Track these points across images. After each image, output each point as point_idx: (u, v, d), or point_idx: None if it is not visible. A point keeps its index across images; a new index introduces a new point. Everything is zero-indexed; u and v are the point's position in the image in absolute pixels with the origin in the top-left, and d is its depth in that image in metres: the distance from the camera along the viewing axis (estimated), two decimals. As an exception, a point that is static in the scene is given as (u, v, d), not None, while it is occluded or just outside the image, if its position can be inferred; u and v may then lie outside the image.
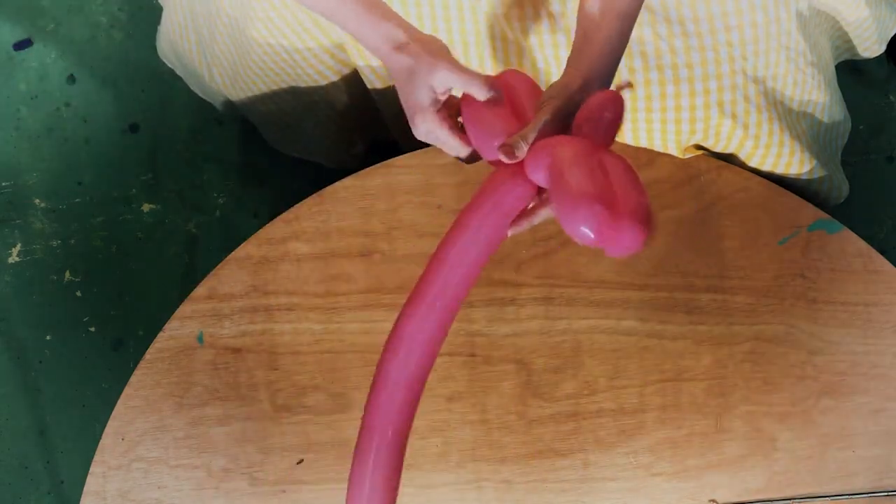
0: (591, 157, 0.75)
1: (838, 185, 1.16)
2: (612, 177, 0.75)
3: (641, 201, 0.74)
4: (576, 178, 0.73)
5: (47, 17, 1.57)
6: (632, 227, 0.72)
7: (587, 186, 0.73)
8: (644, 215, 0.73)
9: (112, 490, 1.01)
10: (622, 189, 0.74)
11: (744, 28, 0.98)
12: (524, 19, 0.99)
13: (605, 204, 0.72)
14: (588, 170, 0.74)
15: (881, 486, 0.98)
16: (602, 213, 0.72)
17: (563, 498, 1.00)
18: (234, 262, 1.05)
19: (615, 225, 0.72)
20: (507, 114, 0.82)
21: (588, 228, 0.72)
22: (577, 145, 0.76)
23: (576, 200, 0.72)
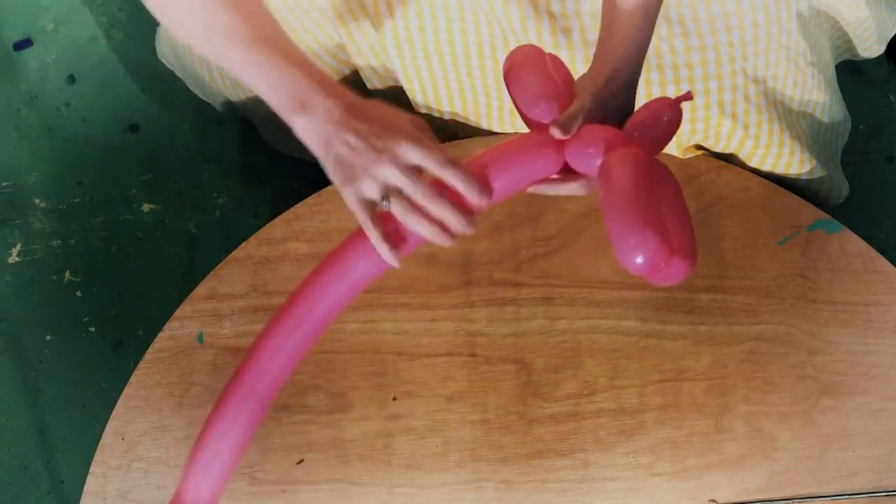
0: (648, 173, 0.74)
1: (838, 185, 1.16)
2: (662, 197, 0.74)
3: (691, 235, 0.74)
4: (635, 199, 0.72)
5: (47, 17, 1.57)
6: (682, 264, 0.72)
7: (645, 214, 0.71)
8: (693, 251, 0.73)
9: (112, 490, 1.01)
10: (673, 216, 0.73)
11: (744, 28, 0.98)
12: (524, 19, 0.99)
13: (662, 236, 0.70)
14: (646, 192, 0.72)
15: (881, 486, 0.98)
16: (659, 248, 0.70)
17: (563, 498, 1.00)
18: (234, 262, 1.05)
19: (668, 260, 0.71)
20: (548, 75, 0.81)
21: (641, 259, 0.70)
22: (634, 157, 0.74)
23: (633, 228, 0.70)
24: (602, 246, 1.03)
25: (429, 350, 1.02)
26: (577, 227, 1.04)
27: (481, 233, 1.04)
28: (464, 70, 1.06)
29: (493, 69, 1.05)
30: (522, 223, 1.04)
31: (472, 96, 1.09)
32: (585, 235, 1.03)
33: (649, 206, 0.72)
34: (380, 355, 1.02)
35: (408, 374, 1.02)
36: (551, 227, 1.04)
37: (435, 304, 1.03)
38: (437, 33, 1.02)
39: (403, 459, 1.01)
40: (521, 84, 0.81)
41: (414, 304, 1.03)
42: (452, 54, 1.04)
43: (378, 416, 1.01)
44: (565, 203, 1.04)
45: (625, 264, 0.71)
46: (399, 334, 1.03)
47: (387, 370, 1.02)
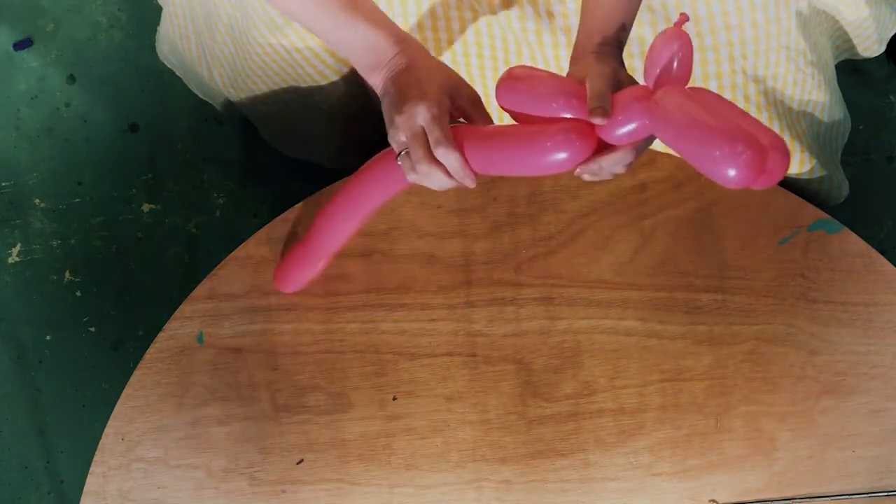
0: (701, 98, 0.73)
1: (838, 185, 1.16)
2: (727, 111, 0.73)
3: (766, 129, 0.72)
4: (702, 121, 0.71)
5: (47, 17, 1.57)
6: (778, 156, 0.70)
7: (724, 125, 0.70)
8: (781, 141, 0.72)
9: (112, 490, 1.01)
10: (745, 120, 0.72)
11: (744, 28, 0.98)
12: (524, 19, 0.99)
13: (749, 136, 0.70)
14: (707, 111, 0.72)
15: (881, 486, 0.98)
16: (754, 147, 0.69)
17: (563, 498, 1.00)
18: (234, 262, 1.05)
19: (764, 159, 0.70)
20: (552, 74, 0.81)
21: (739, 169, 0.69)
22: (676, 91, 0.74)
23: (723, 142, 0.69)
24: (602, 246, 1.03)
25: (429, 350, 1.02)
26: (577, 227, 1.04)
27: (481, 233, 1.04)
28: (464, 70, 1.06)
29: (493, 69, 1.05)
30: (522, 223, 1.04)
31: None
32: (585, 235, 1.03)
33: (724, 119, 0.71)
34: (380, 355, 1.03)
35: (408, 374, 1.02)
36: (551, 227, 1.04)
37: (435, 304, 1.03)
38: (436, 32, 1.02)
39: (403, 459, 1.01)
40: (531, 85, 0.81)
41: (414, 304, 1.03)
42: (451, 53, 1.04)
43: (378, 416, 1.01)
44: (565, 203, 1.04)
45: (727, 180, 0.70)
46: (399, 334, 1.03)
47: (387, 370, 1.02)
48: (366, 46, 0.85)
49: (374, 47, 0.85)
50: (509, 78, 0.82)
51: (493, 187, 1.05)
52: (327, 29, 0.86)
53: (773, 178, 0.71)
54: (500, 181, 1.05)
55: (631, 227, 1.03)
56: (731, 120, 0.72)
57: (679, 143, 0.73)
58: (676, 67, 0.75)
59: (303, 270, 1.02)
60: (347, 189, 0.94)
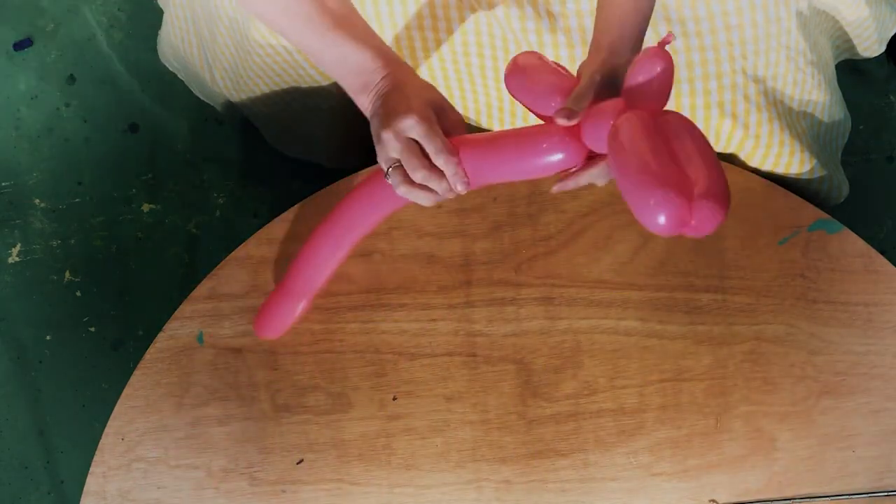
0: (654, 132, 0.72)
1: (838, 185, 1.16)
2: (678, 149, 0.72)
3: (716, 176, 0.71)
4: (642, 162, 0.70)
5: (47, 17, 1.57)
6: (712, 208, 0.69)
7: (655, 171, 0.69)
8: (721, 192, 0.70)
9: (112, 490, 1.01)
10: (693, 163, 0.71)
11: (744, 28, 0.98)
12: (524, 19, 0.99)
13: (677, 189, 0.69)
14: (653, 150, 0.71)
15: (881, 486, 0.98)
16: (675, 201, 0.68)
17: (563, 498, 1.00)
18: (234, 262, 1.05)
19: (690, 211, 0.69)
20: (555, 70, 0.81)
21: (664, 218, 0.69)
22: (637, 120, 0.73)
23: (647, 189, 0.69)
24: (602, 246, 1.03)
25: (429, 350, 1.02)
26: (577, 227, 1.04)
27: (481, 233, 1.04)
28: (464, 70, 1.06)
29: (494, 69, 1.05)
30: (522, 223, 1.04)
31: (473, 96, 1.09)
32: (585, 235, 1.03)
33: (659, 162, 0.70)
34: (380, 355, 1.03)
35: (408, 374, 1.02)
36: (551, 227, 1.04)
37: (435, 304, 1.03)
38: (436, 32, 1.02)
39: (403, 459, 1.01)
40: (531, 81, 0.81)
41: (414, 304, 1.03)
42: (452, 53, 1.04)
43: (378, 416, 1.01)
44: (565, 203, 1.04)
45: (651, 228, 0.70)
46: (399, 334, 1.03)
47: (387, 370, 1.02)
48: (353, 68, 0.84)
49: (362, 69, 0.84)
50: (515, 68, 0.82)
51: (493, 187, 1.05)
52: (315, 48, 0.85)
53: (703, 229, 0.70)
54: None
55: (631, 227, 1.03)
56: (667, 164, 0.70)
57: (618, 175, 0.73)
58: (655, 88, 0.75)
59: (283, 315, 1.01)
60: (330, 221, 0.94)
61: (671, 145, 0.73)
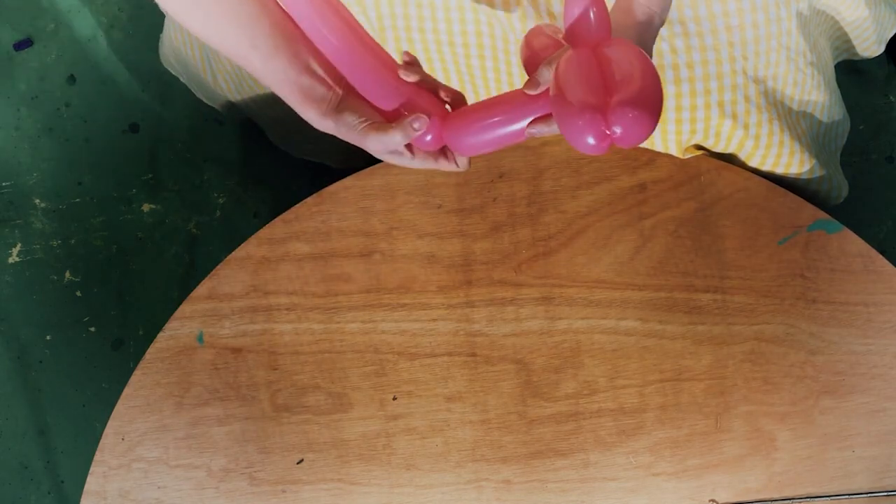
0: (585, 65, 0.75)
1: (838, 185, 1.16)
2: (617, 73, 0.73)
3: (641, 86, 0.72)
4: (566, 89, 0.73)
5: (47, 17, 1.57)
6: (635, 115, 0.70)
7: (576, 95, 0.72)
8: (641, 98, 0.71)
9: (112, 490, 1.01)
10: (626, 81, 0.72)
11: (744, 28, 0.98)
12: (525, 19, 0.99)
13: (595, 107, 0.71)
14: (578, 77, 0.74)
15: (881, 486, 0.98)
16: (593, 117, 0.71)
17: (563, 498, 1.00)
18: (234, 262, 1.05)
19: (610, 125, 0.71)
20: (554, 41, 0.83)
21: (588, 137, 0.71)
22: (567, 58, 0.76)
23: (569, 119, 0.72)
24: (602, 246, 1.03)
25: (429, 350, 1.02)
26: (577, 227, 1.04)
27: (481, 233, 1.04)
28: (464, 70, 1.06)
29: (494, 69, 1.05)
30: (522, 223, 1.04)
31: (474, 96, 1.09)
32: (585, 235, 1.04)
33: (580, 85, 0.73)
34: (380, 355, 1.03)
35: (408, 374, 1.02)
36: (551, 227, 1.04)
37: (435, 304, 1.03)
38: (437, 34, 1.02)
39: (403, 459, 1.01)
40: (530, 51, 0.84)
41: (414, 304, 1.03)
42: (453, 54, 1.04)
43: (378, 416, 1.02)
44: (565, 203, 1.04)
45: (583, 150, 0.73)
46: (399, 334, 1.03)
47: (387, 370, 1.02)
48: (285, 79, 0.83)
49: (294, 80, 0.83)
50: (524, 44, 0.85)
51: (492, 187, 1.05)
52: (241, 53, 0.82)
53: (634, 137, 0.72)
54: (500, 181, 1.05)
55: (631, 227, 1.03)
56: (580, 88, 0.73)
57: (554, 114, 0.76)
58: (591, 23, 0.76)
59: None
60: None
61: (610, 70, 0.74)
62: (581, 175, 1.04)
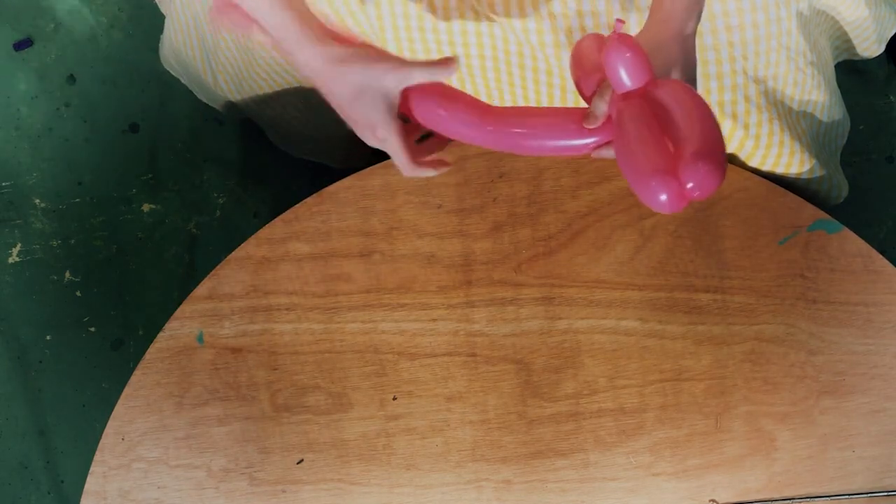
0: (644, 114, 0.76)
1: (838, 185, 1.16)
2: (673, 116, 0.75)
3: (705, 134, 0.73)
4: (631, 150, 0.75)
5: (47, 17, 1.57)
6: (706, 170, 0.71)
7: (644, 158, 0.74)
8: (713, 152, 0.72)
9: (112, 490, 1.01)
10: (686, 126, 0.73)
11: (744, 28, 0.98)
12: (525, 19, 0.99)
13: (666, 170, 0.72)
14: (639, 135, 0.75)
15: (881, 486, 0.98)
16: (668, 183, 0.72)
17: (563, 498, 1.00)
18: (234, 262, 1.05)
19: (684, 182, 0.72)
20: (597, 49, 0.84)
21: (665, 199, 0.72)
22: (629, 110, 0.77)
23: (641, 181, 0.73)
24: (602, 246, 1.03)
25: (429, 350, 1.02)
26: (577, 227, 1.04)
27: (481, 233, 1.04)
28: (465, 70, 1.06)
29: (495, 70, 1.05)
30: (522, 223, 1.04)
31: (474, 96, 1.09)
32: (585, 235, 1.04)
33: (649, 148, 0.74)
34: (380, 355, 1.03)
35: (408, 374, 1.02)
36: (551, 227, 1.04)
37: (435, 304, 1.03)
38: (437, 33, 1.02)
39: (403, 459, 1.01)
40: (581, 62, 0.85)
41: (414, 304, 1.03)
42: (453, 54, 1.04)
43: (378, 416, 1.02)
44: (565, 203, 1.04)
45: (657, 209, 0.74)
46: (399, 334, 1.03)
47: (387, 370, 1.02)
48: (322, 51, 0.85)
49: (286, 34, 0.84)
50: (574, 50, 0.86)
51: (493, 187, 1.05)
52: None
53: (705, 190, 0.73)
54: (500, 181, 1.05)
55: (631, 227, 1.03)
56: (652, 147, 0.74)
57: (620, 164, 0.78)
58: (634, 70, 0.77)
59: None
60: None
61: (667, 115, 0.75)
62: (581, 175, 1.04)
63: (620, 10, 0.97)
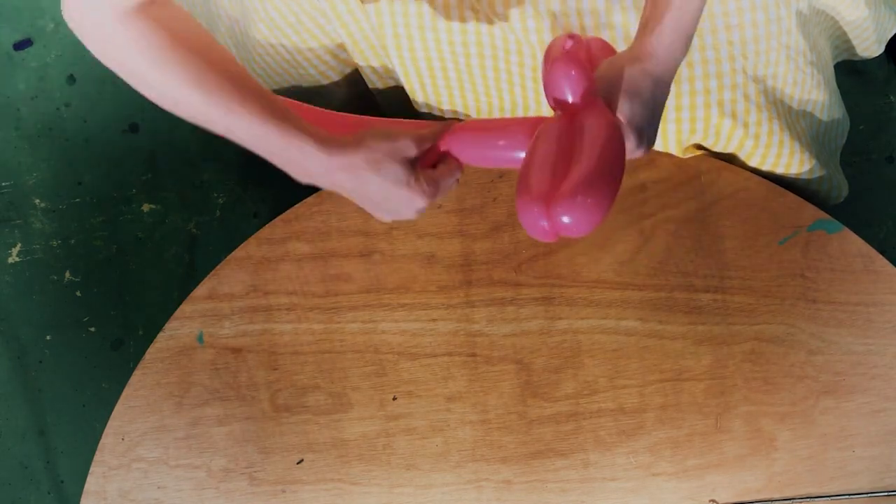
0: (555, 133, 0.75)
1: (838, 185, 1.16)
2: (581, 142, 0.73)
3: (596, 172, 0.70)
4: (528, 170, 0.74)
5: (47, 17, 1.57)
6: (573, 209, 0.69)
7: (532, 182, 0.73)
8: (590, 190, 0.69)
9: (112, 490, 1.01)
10: (580, 163, 0.71)
11: (744, 27, 0.98)
12: (525, 19, 0.99)
13: (541, 197, 0.71)
14: (542, 155, 0.74)
15: (881, 487, 0.98)
16: (533, 210, 0.71)
17: (563, 498, 1.00)
18: (234, 262, 1.05)
19: (555, 215, 0.70)
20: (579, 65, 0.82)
21: (530, 224, 0.71)
22: (546, 125, 0.76)
23: (519, 199, 0.73)
24: (602, 246, 1.03)
25: (429, 350, 1.02)
26: (577, 227, 1.04)
27: (481, 233, 1.04)
28: (464, 69, 1.06)
29: (493, 68, 1.05)
30: (522, 223, 1.04)
31: (473, 96, 1.09)
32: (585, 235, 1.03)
33: (539, 169, 0.73)
34: (380, 355, 1.03)
35: (408, 374, 1.02)
36: (551, 227, 1.04)
37: (435, 304, 1.03)
38: (436, 32, 1.02)
39: (403, 459, 1.01)
40: (550, 73, 0.82)
41: (414, 304, 1.03)
42: (453, 53, 1.04)
43: (378, 416, 1.01)
44: (565, 203, 1.04)
45: (528, 233, 0.73)
46: (399, 334, 1.03)
47: (387, 370, 1.02)
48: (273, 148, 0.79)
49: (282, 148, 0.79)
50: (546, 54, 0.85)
51: (492, 187, 1.05)
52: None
53: (581, 226, 0.71)
54: (500, 181, 1.05)
55: (631, 227, 1.03)
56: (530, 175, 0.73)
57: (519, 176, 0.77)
58: (572, 89, 0.76)
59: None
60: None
61: (579, 145, 0.73)
62: (581, 175, 1.04)
63: (620, 11, 0.97)
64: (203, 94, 0.73)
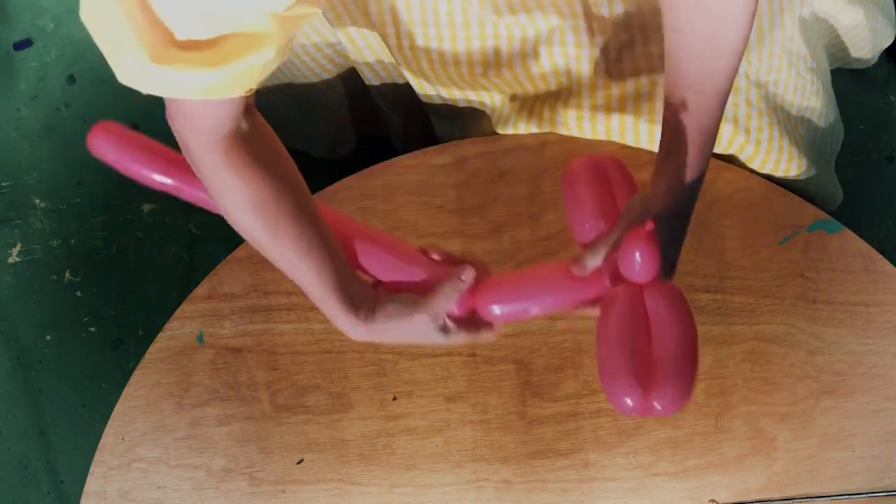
0: (629, 310, 0.77)
1: (833, 192, 1.16)
2: (653, 324, 0.77)
3: (682, 363, 0.76)
4: (612, 349, 0.77)
5: (47, 17, 1.57)
6: (670, 396, 0.74)
7: (623, 362, 0.76)
8: (681, 380, 0.75)
9: (112, 490, 1.01)
10: (663, 347, 0.76)
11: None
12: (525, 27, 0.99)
13: (638, 380, 0.75)
14: (620, 333, 0.77)
15: (881, 487, 0.98)
16: (636, 392, 0.75)
17: (563, 498, 1.00)
18: (234, 262, 1.05)
19: (648, 400, 0.75)
20: (603, 194, 0.84)
21: (629, 403, 0.75)
22: (619, 302, 0.78)
23: (614, 377, 0.76)
24: (602, 246, 1.03)
25: (429, 350, 1.02)
26: (577, 227, 1.04)
27: (481, 233, 1.04)
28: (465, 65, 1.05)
29: (495, 63, 1.04)
30: (522, 223, 1.04)
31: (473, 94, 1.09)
32: (585, 235, 1.03)
33: (623, 348, 0.76)
34: (380, 355, 1.03)
35: (408, 374, 1.02)
36: (551, 227, 1.04)
37: (435, 304, 1.03)
38: (438, 28, 1.01)
39: (403, 459, 1.01)
40: (575, 196, 0.84)
41: (414, 304, 1.03)
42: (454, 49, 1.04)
43: (378, 416, 1.01)
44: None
45: (615, 406, 0.77)
46: (399, 334, 1.03)
47: (387, 370, 1.02)
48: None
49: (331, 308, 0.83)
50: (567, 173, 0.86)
51: (492, 187, 1.05)
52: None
53: (666, 410, 0.75)
54: (500, 181, 1.05)
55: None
56: (625, 356, 0.76)
57: (599, 348, 0.79)
58: (642, 267, 0.78)
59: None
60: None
61: (652, 319, 0.77)
62: (581, 175, 1.04)
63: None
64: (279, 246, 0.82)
